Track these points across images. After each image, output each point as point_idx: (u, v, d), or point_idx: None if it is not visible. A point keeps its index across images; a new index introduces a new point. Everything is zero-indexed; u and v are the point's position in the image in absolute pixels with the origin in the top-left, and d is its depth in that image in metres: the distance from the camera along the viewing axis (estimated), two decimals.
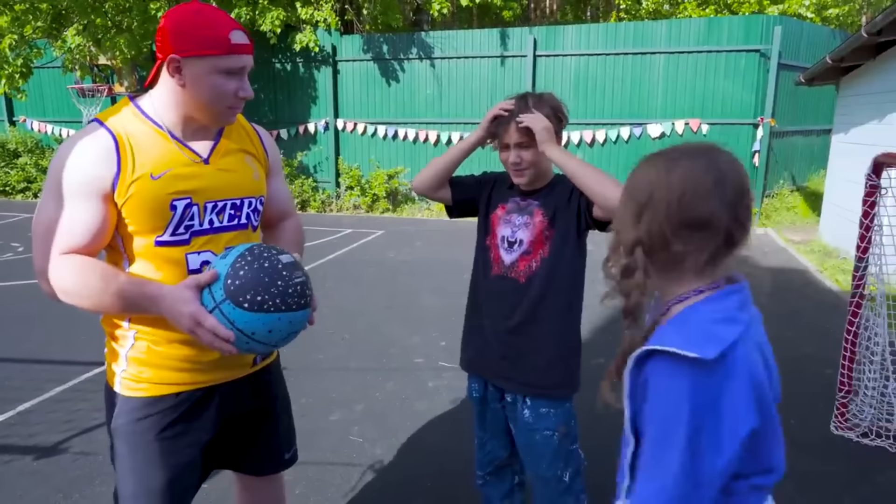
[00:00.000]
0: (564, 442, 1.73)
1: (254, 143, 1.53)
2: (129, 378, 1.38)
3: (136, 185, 1.27)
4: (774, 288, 5.52)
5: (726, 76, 8.34)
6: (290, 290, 1.24)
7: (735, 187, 0.96)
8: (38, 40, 8.76)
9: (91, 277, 1.25)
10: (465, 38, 9.41)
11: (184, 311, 1.20)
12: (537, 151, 1.66)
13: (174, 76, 1.29)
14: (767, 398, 0.96)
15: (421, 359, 3.94)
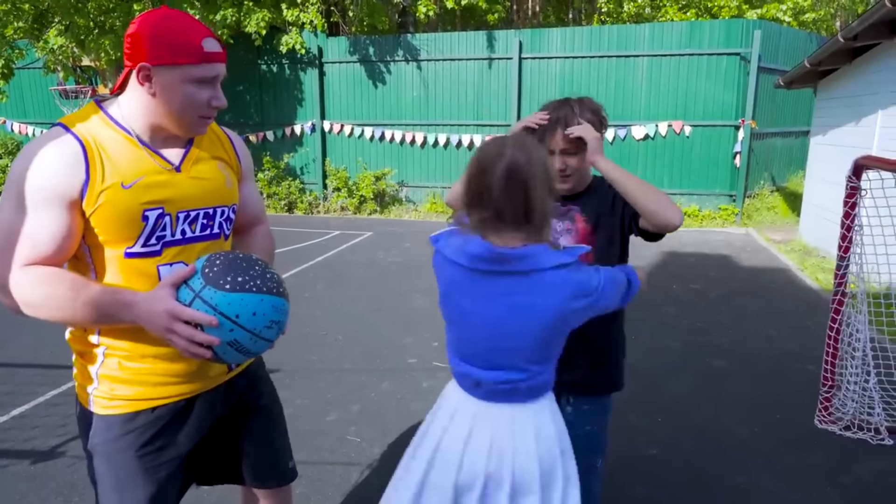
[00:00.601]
0: (601, 435, 1.81)
1: (226, 148, 1.47)
2: (102, 396, 1.32)
3: (107, 193, 1.21)
4: (757, 287, 5.65)
5: (708, 78, 8.51)
6: (268, 276, 1.22)
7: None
8: (20, 41, 8.64)
9: (58, 288, 1.17)
10: (451, 41, 9.48)
11: (158, 309, 1.15)
12: (583, 159, 1.64)
13: (144, 84, 1.23)
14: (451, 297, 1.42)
15: (414, 359, 3.98)
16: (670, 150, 8.82)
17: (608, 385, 1.82)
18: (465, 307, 1.37)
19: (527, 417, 1.38)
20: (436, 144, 9.56)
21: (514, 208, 1.26)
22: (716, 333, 4.43)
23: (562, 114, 1.65)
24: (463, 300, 1.37)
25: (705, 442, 2.98)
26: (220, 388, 1.46)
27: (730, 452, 2.88)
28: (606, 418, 1.83)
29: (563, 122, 1.64)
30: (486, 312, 1.33)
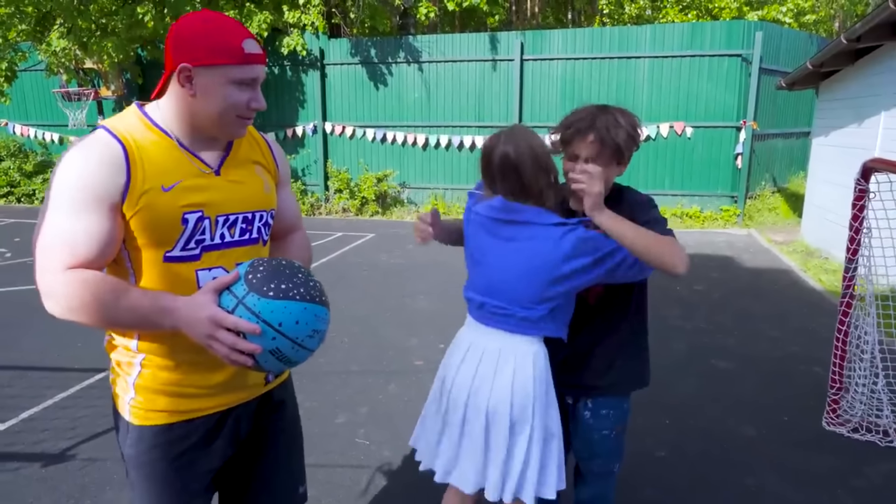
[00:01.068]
0: (620, 438, 1.81)
1: (264, 153, 1.46)
2: (138, 407, 1.32)
3: (147, 196, 1.21)
4: (760, 288, 5.67)
5: (709, 80, 8.53)
6: (311, 284, 1.21)
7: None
8: (23, 43, 8.64)
9: (100, 292, 1.16)
10: (453, 42, 9.49)
11: (200, 316, 1.14)
12: (609, 170, 1.57)
13: (184, 86, 1.23)
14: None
15: (420, 361, 3.99)
16: (672, 152, 8.83)
17: (627, 383, 1.79)
18: (482, 247, 1.65)
19: (510, 351, 1.59)
20: (437, 146, 9.57)
21: (513, 189, 1.55)
22: (720, 335, 4.44)
23: (599, 123, 1.56)
24: (482, 241, 1.65)
25: (712, 444, 2.98)
26: (253, 403, 1.45)
27: (737, 454, 2.89)
28: (625, 422, 1.82)
29: (599, 133, 1.56)
30: (495, 251, 1.61)
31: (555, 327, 1.61)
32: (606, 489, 1.87)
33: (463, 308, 1.77)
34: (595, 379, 1.75)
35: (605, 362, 1.74)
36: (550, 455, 1.60)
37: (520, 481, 1.59)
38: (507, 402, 1.56)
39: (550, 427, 1.61)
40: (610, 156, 1.58)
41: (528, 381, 1.57)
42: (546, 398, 1.60)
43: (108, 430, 3.06)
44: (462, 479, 1.65)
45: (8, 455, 2.88)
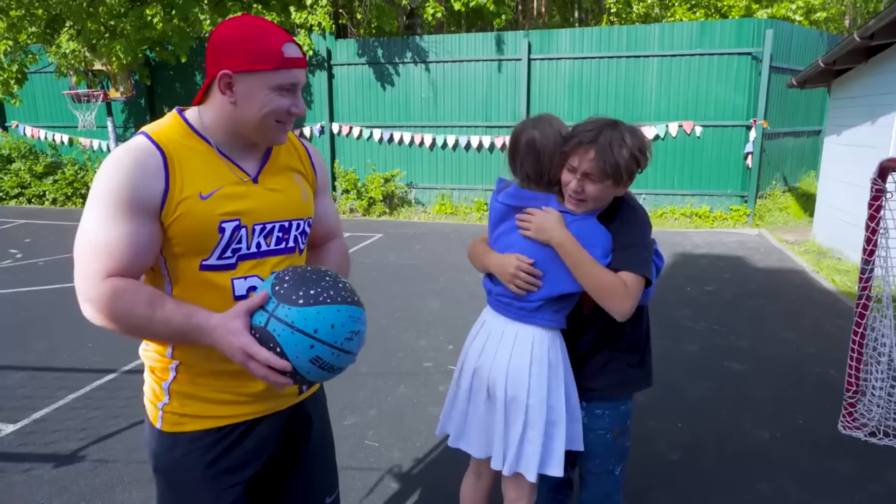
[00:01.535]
0: (619, 440, 1.78)
1: (303, 160, 1.45)
2: (172, 412, 1.31)
3: (185, 204, 1.20)
4: (772, 288, 5.61)
5: (719, 79, 8.47)
6: (340, 286, 1.17)
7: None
8: (33, 45, 8.70)
9: (137, 304, 1.16)
10: (460, 42, 9.46)
11: (234, 343, 1.13)
12: (606, 188, 1.54)
13: (225, 93, 1.22)
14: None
15: (430, 362, 3.97)
16: (681, 151, 8.77)
17: (623, 385, 1.77)
18: (500, 235, 1.71)
19: (511, 333, 1.68)
20: (444, 146, 9.55)
21: (533, 171, 1.62)
22: (733, 336, 4.40)
23: (603, 139, 1.51)
24: (500, 228, 1.72)
25: (726, 447, 2.95)
26: (287, 412, 1.43)
27: (751, 458, 2.85)
28: (624, 424, 1.79)
29: (601, 150, 1.50)
30: (504, 238, 1.68)
31: (551, 318, 1.66)
32: (609, 491, 1.84)
33: (472, 309, 1.78)
34: (589, 381, 1.75)
35: (599, 366, 1.74)
36: (555, 437, 1.66)
37: (517, 456, 1.66)
38: (503, 379, 1.66)
39: (555, 411, 1.66)
40: (608, 174, 1.51)
41: (524, 362, 1.64)
42: (548, 382, 1.65)
43: (118, 431, 3.07)
44: (469, 445, 1.78)
45: (20, 456, 2.88)
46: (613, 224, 1.62)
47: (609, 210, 1.65)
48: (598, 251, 1.57)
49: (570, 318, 1.73)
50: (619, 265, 1.56)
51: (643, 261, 1.57)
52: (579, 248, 1.54)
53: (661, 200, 9.00)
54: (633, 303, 1.54)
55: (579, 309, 1.72)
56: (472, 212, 9.56)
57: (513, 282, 1.63)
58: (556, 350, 1.69)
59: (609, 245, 1.59)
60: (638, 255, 1.58)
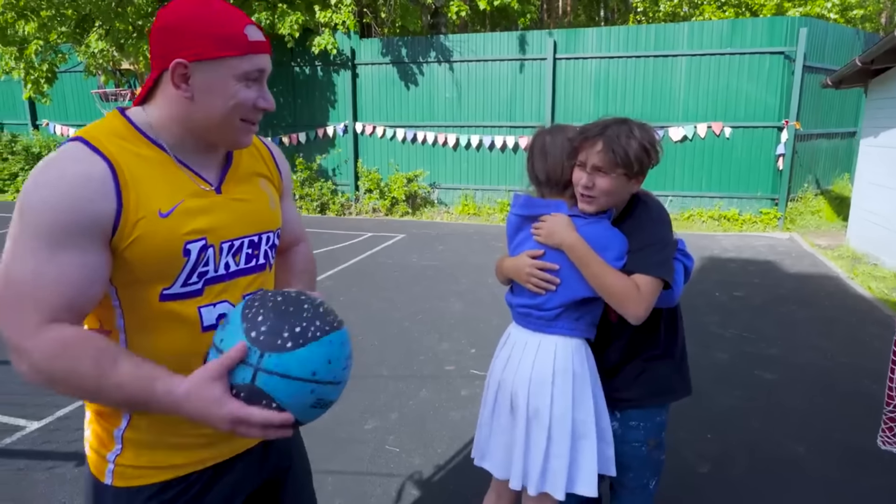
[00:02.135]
0: (654, 453, 1.71)
1: (267, 163, 1.27)
2: (127, 465, 1.09)
3: (142, 224, 0.99)
4: (805, 295, 5.44)
5: (749, 78, 8.26)
6: (322, 311, 1.00)
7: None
8: (63, 45, 8.85)
9: (81, 364, 0.94)
10: (484, 42, 9.39)
11: (217, 413, 0.93)
12: (618, 181, 1.51)
13: (180, 87, 1.02)
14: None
15: (452, 366, 3.92)
16: (709, 152, 8.59)
17: (657, 395, 1.71)
18: (517, 246, 1.70)
19: (534, 344, 1.64)
20: (468, 146, 9.49)
21: (542, 172, 1.62)
22: (764, 343, 4.26)
23: (611, 132, 1.50)
24: (516, 240, 1.71)
25: (757, 459, 2.84)
26: (258, 448, 1.25)
27: (784, 471, 2.74)
28: (659, 436, 1.72)
29: (608, 141, 1.49)
30: (524, 248, 1.66)
31: (572, 326, 1.61)
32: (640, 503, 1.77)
33: (496, 312, 1.76)
34: (622, 391, 1.69)
35: (632, 375, 1.68)
36: (583, 452, 1.59)
37: (542, 473, 1.59)
38: (525, 391, 1.61)
39: (582, 424, 1.59)
40: (618, 166, 1.49)
41: (547, 372, 1.59)
42: (573, 393, 1.59)
43: None
44: (492, 464, 1.74)
45: (43, 454, 2.90)
46: (627, 225, 1.58)
47: (623, 211, 1.61)
48: (611, 254, 1.53)
49: (598, 328, 1.67)
50: (633, 267, 1.52)
51: (658, 262, 1.51)
52: (589, 251, 1.51)
53: (688, 202, 8.82)
54: (647, 306, 1.49)
55: (606, 317, 1.66)
56: (495, 212, 9.48)
57: (529, 280, 1.60)
58: (582, 360, 1.62)
59: (624, 247, 1.54)
60: (652, 256, 1.52)
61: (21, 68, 8.42)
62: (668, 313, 1.68)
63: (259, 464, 1.26)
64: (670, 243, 1.57)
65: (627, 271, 1.52)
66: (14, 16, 7.97)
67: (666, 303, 1.59)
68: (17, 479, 2.71)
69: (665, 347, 1.69)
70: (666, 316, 1.67)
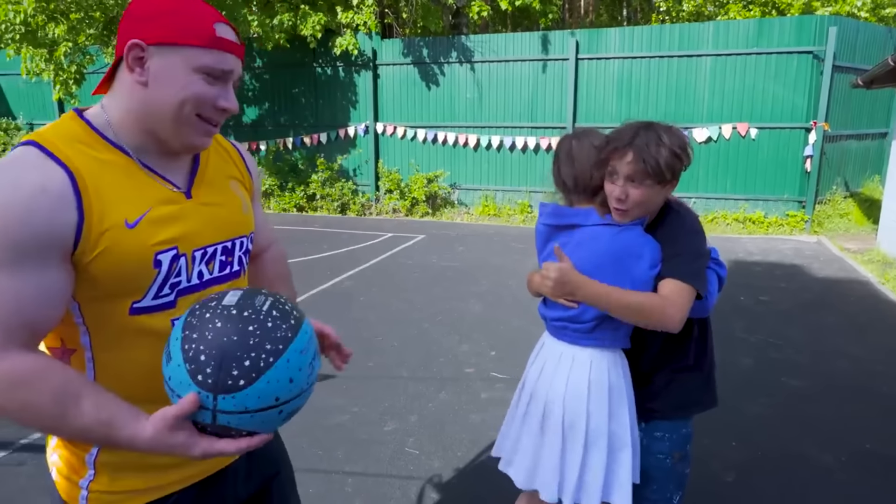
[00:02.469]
0: (678, 466, 1.67)
1: (237, 164, 1.21)
2: (102, 491, 1.02)
3: (108, 236, 0.92)
4: (833, 300, 5.32)
5: (777, 79, 8.11)
6: (269, 324, 0.89)
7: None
8: (91, 47, 9.01)
9: (39, 398, 0.86)
10: (506, 42, 9.35)
11: (191, 455, 0.89)
12: (650, 191, 1.48)
13: (134, 70, 0.95)
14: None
15: (471, 368, 3.89)
16: (734, 154, 8.44)
17: (684, 406, 1.67)
18: (546, 257, 1.67)
19: (569, 356, 1.61)
20: (489, 147, 9.45)
21: (569, 177, 1.61)
22: (791, 350, 4.17)
23: (640, 140, 1.46)
24: (546, 250, 1.68)
25: (784, 470, 2.77)
26: (240, 462, 1.20)
27: (811, 483, 2.67)
28: (684, 448, 1.68)
29: (638, 150, 1.46)
30: (552, 259, 1.60)
31: (610, 337, 1.58)
32: None
33: (516, 314, 1.74)
34: (649, 401, 1.65)
35: (660, 386, 1.65)
36: (620, 464, 1.57)
37: (578, 485, 1.57)
38: (560, 404, 1.59)
39: (618, 436, 1.57)
40: (650, 177, 1.46)
41: (583, 384, 1.57)
42: (609, 407, 1.56)
43: None
44: (518, 473, 1.71)
45: None
46: (660, 234, 1.55)
47: (656, 218, 1.58)
48: (644, 263, 1.50)
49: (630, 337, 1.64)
50: (666, 273, 1.50)
51: (691, 271, 1.48)
52: (598, 288, 1.48)
53: (711, 205, 8.68)
54: (682, 312, 1.45)
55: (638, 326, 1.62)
56: (515, 213, 9.43)
57: (558, 296, 1.57)
58: (618, 373, 1.59)
59: (657, 255, 1.52)
60: (683, 264, 1.49)
61: (51, 70, 8.59)
62: (700, 324, 1.65)
63: (245, 476, 1.21)
64: (703, 254, 1.53)
65: (660, 277, 1.50)
66: (44, 19, 8.13)
67: (699, 313, 1.56)
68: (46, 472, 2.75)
69: (695, 358, 1.65)
70: (697, 327, 1.63)
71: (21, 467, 2.79)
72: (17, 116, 11.96)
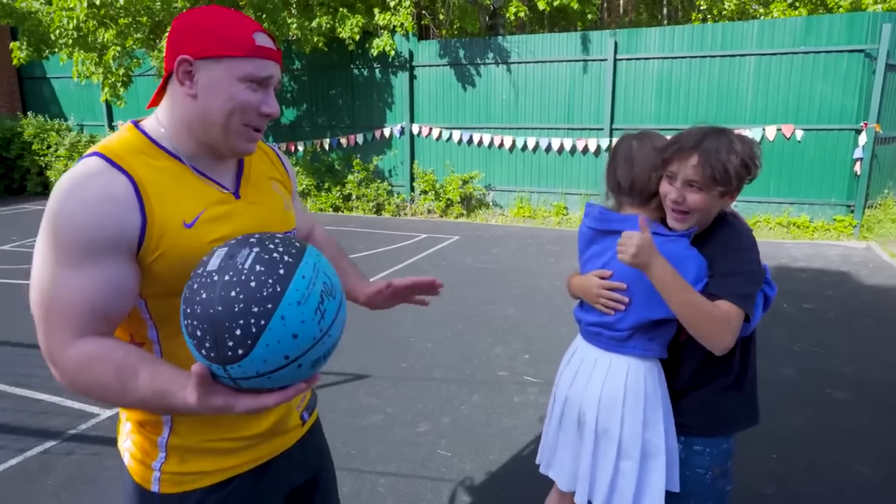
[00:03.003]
0: (718, 482, 1.63)
1: (276, 166, 1.30)
2: (172, 472, 1.11)
3: (168, 237, 1.01)
4: (883, 309, 5.12)
5: (825, 78, 7.84)
6: (252, 282, 0.84)
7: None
8: (137, 50, 9.30)
9: (104, 378, 0.97)
10: (543, 42, 9.28)
11: (236, 413, 0.94)
12: (711, 198, 1.42)
13: (184, 83, 1.04)
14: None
15: (505, 371, 3.88)
16: (778, 156, 8.20)
17: (725, 425, 1.62)
18: (588, 259, 1.67)
19: (604, 366, 1.60)
20: (524, 148, 9.41)
21: (625, 178, 1.56)
22: (836, 360, 4.03)
23: (709, 144, 1.40)
24: (588, 253, 1.67)
25: (826, 484, 2.69)
26: (294, 450, 1.28)
27: (854, 498, 2.58)
28: (725, 464, 1.63)
29: (705, 154, 1.39)
30: (596, 262, 1.62)
31: (645, 346, 1.56)
32: None
33: (550, 317, 1.73)
34: (687, 417, 1.61)
35: (699, 403, 1.61)
36: (653, 472, 1.56)
37: (610, 491, 1.58)
38: (595, 410, 1.59)
39: (652, 444, 1.55)
40: (716, 183, 1.39)
41: (618, 392, 1.56)
42: (644, 415, 1.55)
43: None
44: (557, 475, 1.73)
45: (113, 440, 3.04)
46: (710, 246, 1.49)
47: (710, 232, 1.52)
48: (688, 276, 1.45)
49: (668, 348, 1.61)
50: (719, 291, 1.43)
51: (746, 294, 1.43)
52: (677, 279, 1.40)
53: (754, 208, 8.45)
54: (733, 337, 1.40)
55: (676, 337, 1.59)
56: (550, 215, 9.36)
57: (597, 301, 1.56)
58: (654, 381, 1.57)
59: (702, 271, 1.47)
60: (740, 286, 1.43)
61: (99, 73, 8.90)
62: (743, 342, 1.59)
63: (297, 463, 1.29)
64: (758, 273, 1.47)
65: (711, 295, 1.44)
66: (95, 24, 8.43)
67: (744, 332, 1.51)
68: (94, 462, 2.87)
69: (736, 376, 1.60)
70: (741, 344, 1.58)
71: (69, 457, 2.91)
72: (69, 118, 12.45)
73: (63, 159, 11.59)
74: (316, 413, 1.40)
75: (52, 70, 12.43)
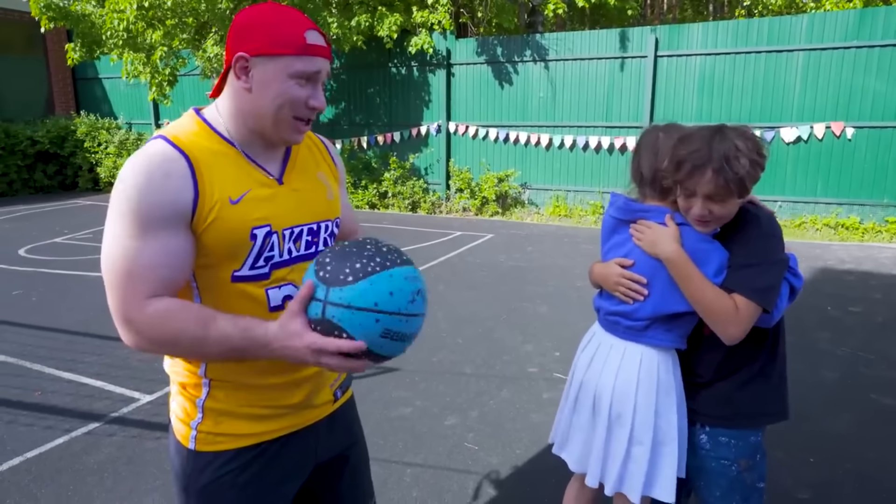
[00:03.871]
0: (746, 476, 1.59)
1: (324, 157, 1.38)
2: (206, 431, 1.23)
3: (216, 211, 1.12)
4: None
5: (879, 74, 7.52)
6: (384, 250, 1.09)
7: None
8: (183, 51, 9.59)
9: (187, 325, 1.08)
10: (581, 40, 9.18)
11: (299, 345, 1.06)
12: (733, 204, 1.43)
13: (240, 78, 1.15)
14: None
15: (535, 368, 3.86)
16: (826, 155, 7.91)
17: (750, 417, 1.59)
18: (610, 249, 1.66)
19: (619, 353, 1.61)
20: (561, 146, 9.32)
21: (648, 169, 1.57)
22: (883, 366, 3.87)
23: (716, 154, 1.38)
24: (610, 242, 1.67)
25: (865, 493, 2.59)
26: (323, 424, 1.36)
27: None
28: (753, 458, 1.59)
29: (718, 168, 1.37)
30: (618, 251, 1.62)
31: (662, 337, 1.56)
32: None
33: (582, 316, 1.73)
34: (711, 407, 1.59)
35: (723, 394, 1.58)
36: (664, 458, 1.57)
37: (620, 475, 1.60)
38: (609, 396, 1.60)
39: (664, 432, 1.56)
40: (732, 191, 1.40)
41: (632, 380, 1.57)
42: (657, 404, 1.56)
43: None
44: (569, 456, 1.76)
45: (153, 424, 3.17)
46: (732, 235, 1.49)
47: (733, 223, 1.50)
48: (710, 269, 1.46)
49: (691, 339, 1.59)
50: (732, 286, 1.43)
51: (761, 287, 1.41)
52: (690, 267, 1.45)
53: (799, 209, 8.18)
54: (744, 329, 1.42)
55: (700, 329, 1.57)
56: (587, 214, 9.26)
57: (616, 289, 1.57)
58: (668, 371, 1.57)
59: (723, 262, 1.46)
60: (755, 278, 1.41)
61: (147, 73, 9.22)
62: (773, 332, 1.56)
63: (326, 437, 1.37)
64: (778, 262, 1.44)
65: (726, 288, 1.43)
66: (144, 25, 8.74)
67: (763, 324, 1.48)
68: (133, 444, 2.99)
69: (761, 367, 1.57)
70: (766, 335, 1.55)
71: (111, 438, 3.03)
72: (118, 117, 12.93)
73: (112, 157, 12.05)
74: (350, 393, 1.47)
75: (104, 70, 12.93)
